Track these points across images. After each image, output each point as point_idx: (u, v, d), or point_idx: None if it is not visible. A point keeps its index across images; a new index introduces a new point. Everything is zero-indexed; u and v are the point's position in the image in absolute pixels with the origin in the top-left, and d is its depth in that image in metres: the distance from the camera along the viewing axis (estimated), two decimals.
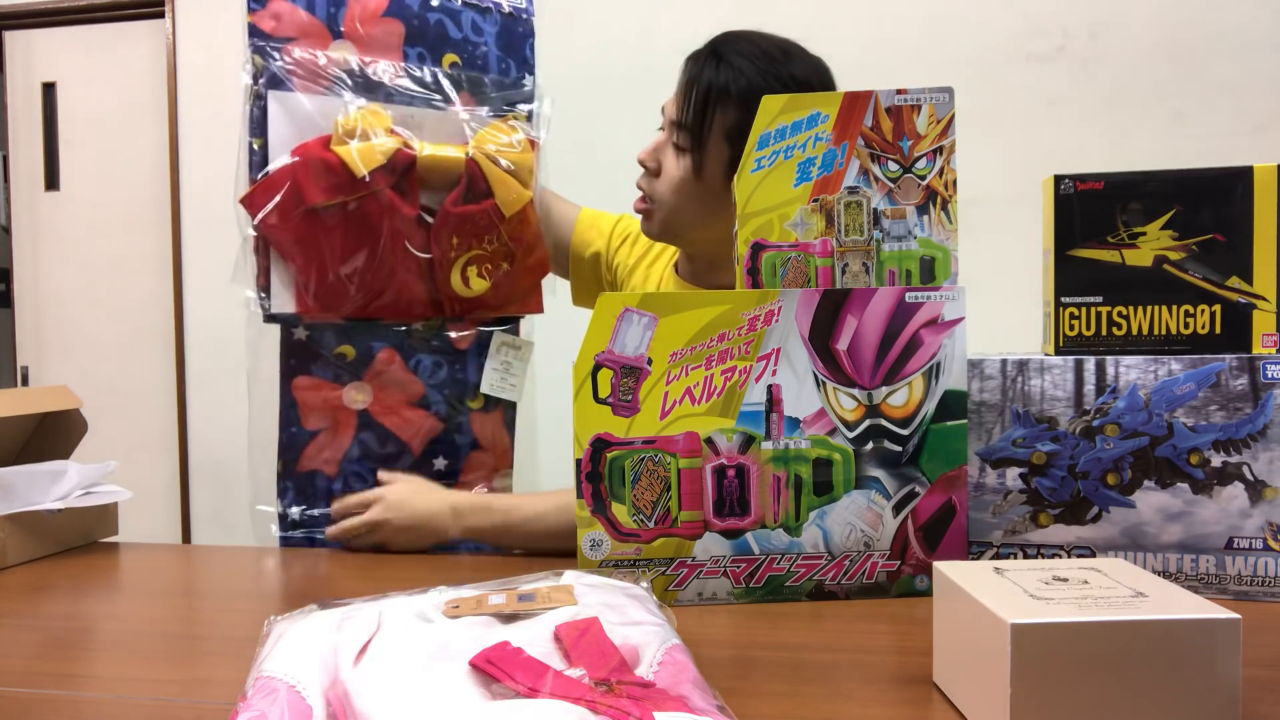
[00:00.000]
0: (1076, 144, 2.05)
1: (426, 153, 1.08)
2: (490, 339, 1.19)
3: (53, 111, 2.67)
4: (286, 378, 1.13)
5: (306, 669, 0.53)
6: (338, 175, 1.05)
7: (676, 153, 1.08)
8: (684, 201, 1.08)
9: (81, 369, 2.63)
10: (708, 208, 1.07)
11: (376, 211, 1.07)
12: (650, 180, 1.11)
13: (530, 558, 1.03)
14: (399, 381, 1.16)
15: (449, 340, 1.18)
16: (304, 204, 1.05)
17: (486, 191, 1.11)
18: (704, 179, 1.06)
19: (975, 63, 2.10)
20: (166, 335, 2.56)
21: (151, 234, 2.58)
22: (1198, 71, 2.02)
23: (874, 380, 0.81)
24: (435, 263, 1.11)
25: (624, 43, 2.17)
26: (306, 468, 1.14)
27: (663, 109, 1.12)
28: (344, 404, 1.14)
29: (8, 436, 1.17)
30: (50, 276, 2.68)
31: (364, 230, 1.08)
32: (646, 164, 1.11)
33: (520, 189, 1.13)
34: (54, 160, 2.68)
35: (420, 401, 1.17)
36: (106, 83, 2.63)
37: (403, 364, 1.16)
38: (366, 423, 1.15)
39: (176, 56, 2.49)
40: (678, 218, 1.10)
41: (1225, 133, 2.01)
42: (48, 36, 2.67)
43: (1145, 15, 2.04)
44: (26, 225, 2.69)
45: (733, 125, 1.03)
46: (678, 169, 1.07)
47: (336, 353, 1.14)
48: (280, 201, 1.06)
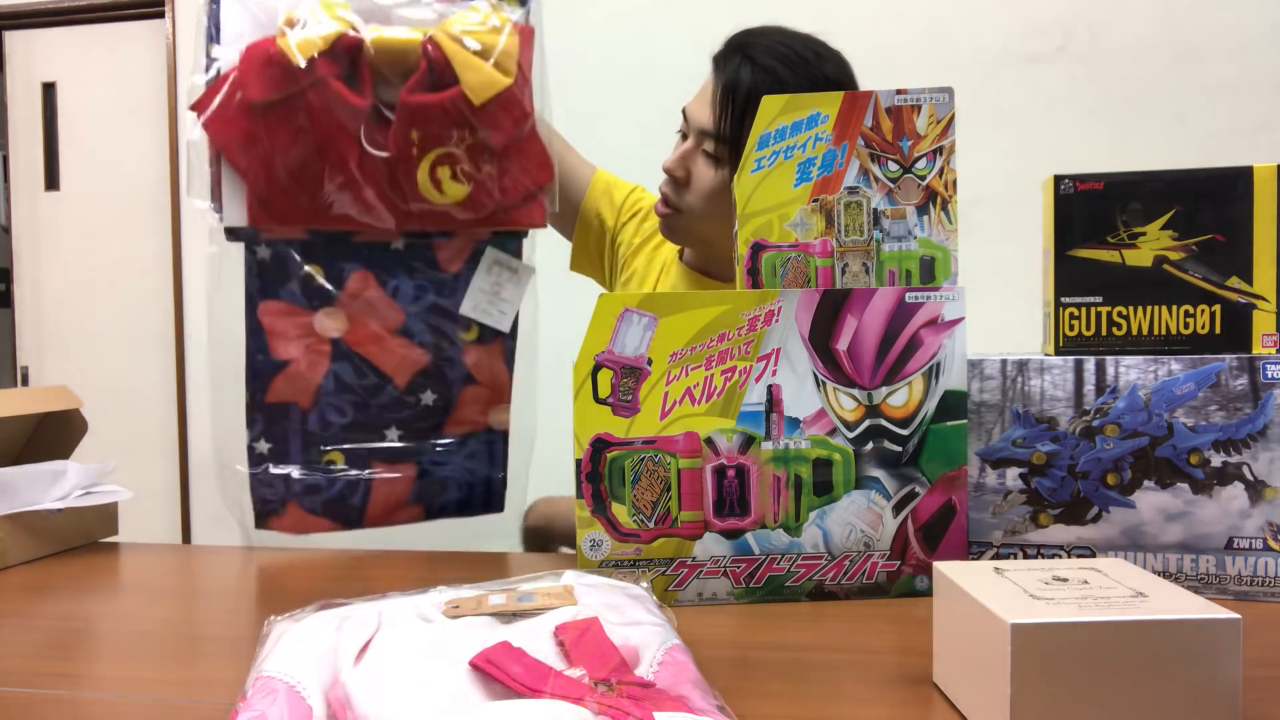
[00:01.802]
0: (1076, 144, 2.05)
1: (373, 35, 0.96)
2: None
3: (53, 111, 2.68)
4: (251, 302, 1.03)
5: (307, 669, 0.53)
6: (279, 67, 0.94)
7: (709, 161, 1.05)
8: (715, 208, 1.06)
9: (81, 369, 2.63)
10: (733, 213, 1.06)
11: (322, 105, 0.95)
12: (678, 189, 1.08)
13: (530, 558, 1.03)
14: (375, 308, 1.03)
15: (434, 260, 1.03)
16: (248, 101, 0.95)
17: (452, 78, 0.96)
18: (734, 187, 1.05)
19: (975, 63, 2.10)
20: (166, 335, 2.56)
21: (151, 234, 2.58)
22: (1198, 71, 2.02)
23: (874, 380, 0.81)
24: (395, 163, 0.97)
25: (624, 43, 2.17)
26: (277, 399, 1.04)
27: (684, 112, 1.08)
28: (316, 331, 1.03)
29: (8, 436, 1.17)
30: (50, 276, 2.68)
31: (311, 126, 0.96)
32: (675, 174, 1.08)
33: (494, 74, 0.97)
34: (54, 160, 2.68)
35: (401, 330, 1.04)
36: (106, 83, 2.63)
37: (379, 287, 1.03)
38: (343, 353, 1.03)
39: (176, 56, 2.49)
40: (707, 225, 1.08)
41: (1225, 133, 2.01)
42: (48, 36, 2.67)
43: (1146, 15, 2.04)
44: (26, 225, 2.69)
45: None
46: (712, 179, 1.05)
47: (304, 273, 1.02)
48: (224, 100, 0.95)
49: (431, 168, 0.97)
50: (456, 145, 0.97)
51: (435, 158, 0.97)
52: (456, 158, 0.98)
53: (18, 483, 1.03)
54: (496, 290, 1.05)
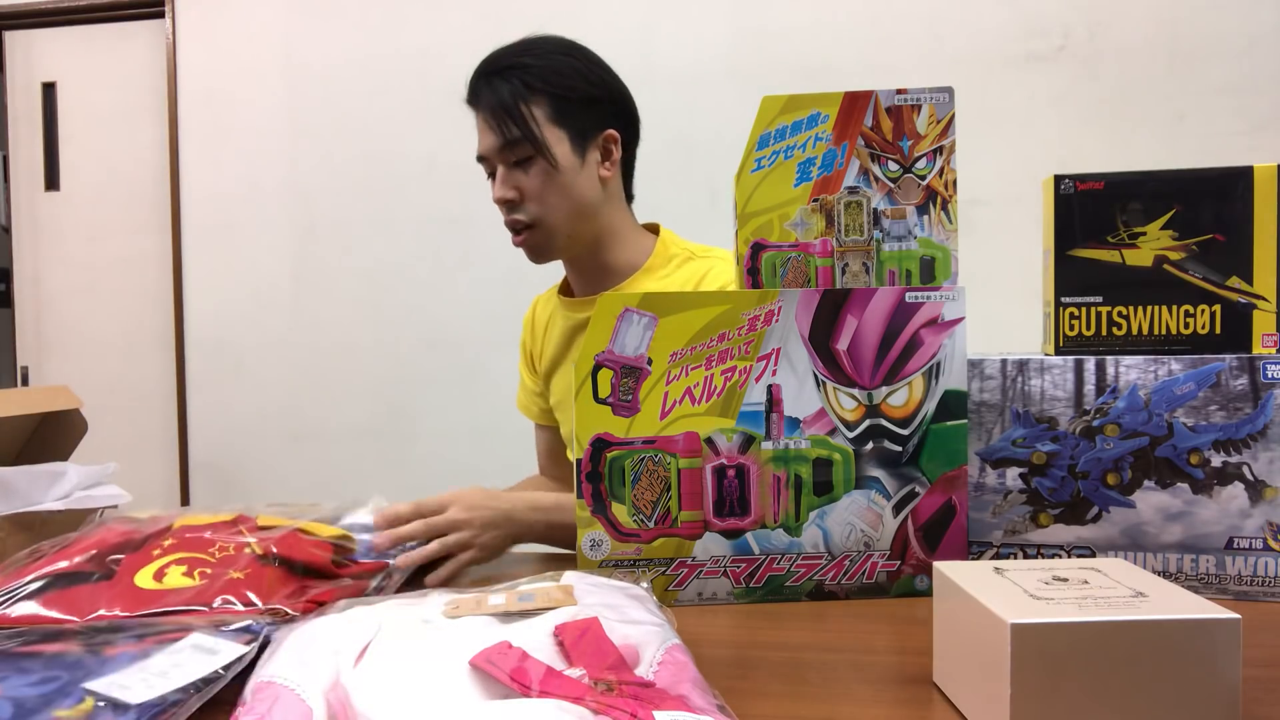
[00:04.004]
0: (1076, 144, 2.05)
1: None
2: None
3: (53, 111, 2.67)
4: None
5: (307, 672, 0.53)
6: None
7: (521, 168, 1.11)
8: (557, 199, 1.12)
9: (81, 369, 2.63)
10: (577, 192, 1.13)
11: None
12: (517, 207, 1.13)
13: (530, 558, 1.03)
14: None
15: None
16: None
17: None
18: (560, 168, 1.11)
19: (976, 62, 2.10)
20: (166, 335, 2.56)
21: (151, 234, 2.58)
22: (1198, 71, 2.02)
23: (874, 380, 0.81)
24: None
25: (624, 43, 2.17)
26: None
27: (480, 159, 1.15)
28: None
29: (8, 436, 1.17)
30: (50, 276, 2.68)
31: None
32: (506, 197, 1.13)
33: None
34: (54, 160, 2.68)
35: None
36: (106, 83, 2.63)
37: None
38: None
39: (176, 56, 2.49)
40: (558, 218, 1.13)
41: (1225, 133, 2.01)
42: (48, 36, 2.67)
43: (1146, 15, 2.04)
44: (26, 225, 2.69)
45: (550, 107, 1.10)
46: (535, 178, 1.11)
47: None
48: None
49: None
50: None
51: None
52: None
53: (18, 483, 1.03)
54: None
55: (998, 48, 2.09)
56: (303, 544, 0.83)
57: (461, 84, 1.16)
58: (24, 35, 2.67)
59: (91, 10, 2.60)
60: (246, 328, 2.45)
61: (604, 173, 1.15)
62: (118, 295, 2.63)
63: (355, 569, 0.84)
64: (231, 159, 2.45)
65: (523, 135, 1.09)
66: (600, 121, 1.14)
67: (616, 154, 1.17)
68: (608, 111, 1.15)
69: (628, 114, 1.19)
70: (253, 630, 0.63)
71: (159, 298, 2.57)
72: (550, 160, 1.10)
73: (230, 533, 0.84)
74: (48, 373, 2.68)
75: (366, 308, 2.41)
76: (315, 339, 2.43)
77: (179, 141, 2.50)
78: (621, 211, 1.21)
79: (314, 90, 2.41)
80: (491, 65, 1.13)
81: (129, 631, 0.64)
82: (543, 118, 1.10)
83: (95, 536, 0.82)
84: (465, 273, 2.32)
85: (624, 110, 1.18)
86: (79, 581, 0.75)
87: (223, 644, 0.61)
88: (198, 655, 0.60)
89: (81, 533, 0.85)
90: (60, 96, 2.67)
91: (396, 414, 2.40)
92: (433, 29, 2.32)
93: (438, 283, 2.35)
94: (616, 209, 1.20)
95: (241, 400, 2.48)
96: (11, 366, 2.71)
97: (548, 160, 1.10)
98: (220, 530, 0.84)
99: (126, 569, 0.76)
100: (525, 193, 1.12)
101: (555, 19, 1.44)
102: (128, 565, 0.77)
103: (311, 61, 2.40)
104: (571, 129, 1.12)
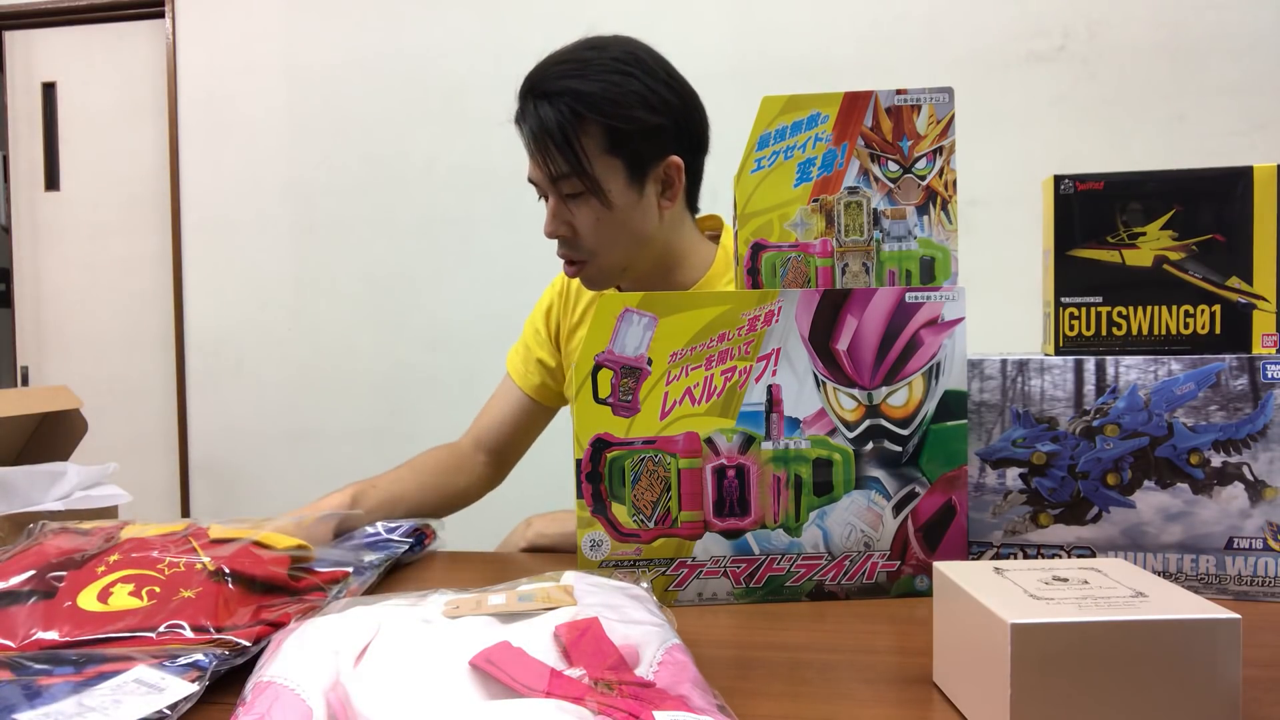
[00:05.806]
0: (1076, 144, 2.05)
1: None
2: None
3: (53, 111, 2.68)
4: None
5: (306, 672, 0.53)
6: None
7: (574, 201, 1.03)
8: (612, 237, 1.04)
9: (81, 369, 2.63)
10: (634, 228, 1.04)
11: None
12: (570, 245, 1.05)
13: (530, 558, 1.03)
14: None
15: None
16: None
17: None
18: (614, 205, 1.02)
19: (976, 62, 2.10)
20: (166, 335, 2.56)
21: (151, 234, 2.58)
22: (1198, 71, 2.02)
23: (874, 380, 0.81)
24: None
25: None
26: None
27: (530, 181, 1.06)
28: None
29: (8, 436, 1.17)
30: (50, 276, 2.68)
31: None
32: (559, 233, 1.05)
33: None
34: (54, 160, 2.68)
35: None
36: (106, 83, 2.63)
37: None
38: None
39: (176, 56, 2.49)
40: (615, 254, 1.05)
41: (1225, 133, 2.01)
42: (48, 36, 2.67)
43: (1146, 15, 2.04)
44: (26, 225, 2.69)
45: (604, 138, 1.00)
46: (588, 216, 1.02)
47: None
48: None
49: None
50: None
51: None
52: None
53: (18, 483, 1.03)
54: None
55: (998, 48, 2.09)
56: (257, 559, 0.78)
57: (462, 84, 1.15)
58: (24, 35, 2.67)
59: (91, 10, 2.61)
60: (246, 328, 2.45)
61: (664, 204, 1.05)
62: (118, 295, 2.63)
63: (314, 578, 0.80)
64: (231, 159, 2.45)
65: (571, 171, 1.00)
66: (661, 149, 1.03)
67: (680, 184, 1.05)
68: (670, 136, 1.03)
69: (694, 133, 1.07)
70: (200, 666, 0.60)
71: (159, 298, 2.57)
72: (603, 200, 1.01)
73: (181, 548, 0.78)
74: (48, 373, 2.68)
75: (366, 308, 2.41)
76: (315, 339, 2.43)
77: (179, 141, 2.50)
78: (684, 231, 1.11)
79: (314, 90, 2.41)
80: (540, 85, 1.02)
81: (67, 661, 0.60)
82: (595, 149, 1.00)
83: (35, 551, 0.77)
84: (465, 273, 2.32)
85: (690, 129, 1.06)
86: (15, 602, 0.69)
87: (170, 680, 0.58)
88: (141, 691, 0.56)
89: (22, 546, 0.79)
90: (60, 96, 2.67)
91: (396, 414, 2.40)
92: (433, 29, 2.32)
93: (438, 283, 2.35)
94: (678, 231, 1.09)
95: (241, 400, 2.48)
96: (11, 366, 2.71)
97: (600, 200, 1.01)
98: (170, 544, 0.79)
99: (69, 588, 0.71)
100: (578, 229, 1.03)
101: (555, 19, 1.44)
102: (70, 584, 0.71)
103: (311, 62, 2.40)
104: (628, 159, 1.01)
